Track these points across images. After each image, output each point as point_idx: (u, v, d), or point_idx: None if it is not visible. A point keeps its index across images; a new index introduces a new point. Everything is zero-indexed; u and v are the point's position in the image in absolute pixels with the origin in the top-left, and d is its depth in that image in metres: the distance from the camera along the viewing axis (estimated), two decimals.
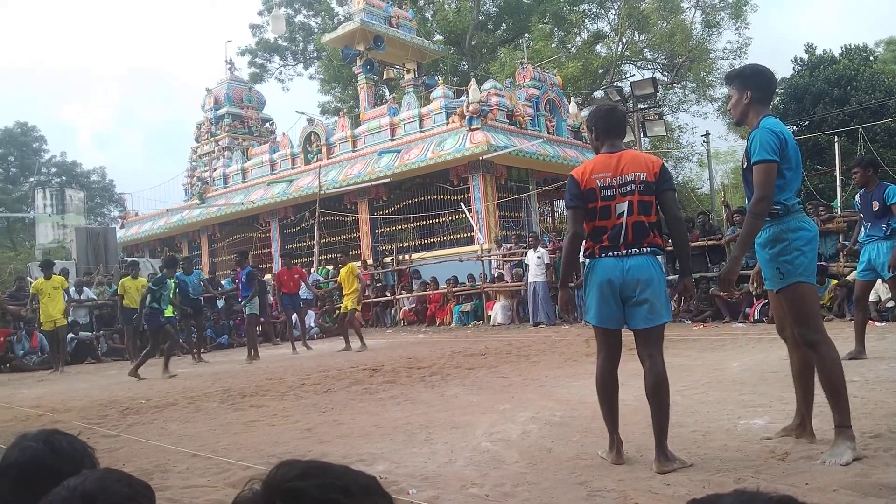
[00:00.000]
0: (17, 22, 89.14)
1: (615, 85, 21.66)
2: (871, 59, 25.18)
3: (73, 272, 15.48)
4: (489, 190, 16.60)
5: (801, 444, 3.27)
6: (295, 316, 12.56)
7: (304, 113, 21.74)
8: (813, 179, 19.28)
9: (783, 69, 27.21)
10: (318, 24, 33.62)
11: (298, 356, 10.72)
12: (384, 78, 23.66)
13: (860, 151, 16.36)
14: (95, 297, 14.32)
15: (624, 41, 28.78)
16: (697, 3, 28.11)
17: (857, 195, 6.42)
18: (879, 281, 6.50)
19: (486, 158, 16.02)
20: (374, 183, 17.74)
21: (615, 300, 3.19)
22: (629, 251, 3.17)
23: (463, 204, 16.29)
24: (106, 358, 13.04)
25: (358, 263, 14.62)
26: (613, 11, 29.90)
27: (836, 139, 15.23)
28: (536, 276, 12.61)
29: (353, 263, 11.82)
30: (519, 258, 13.97)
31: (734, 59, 27.61)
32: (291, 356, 10.79)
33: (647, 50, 29.05)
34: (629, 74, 29.07)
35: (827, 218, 10.44)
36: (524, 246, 14.00)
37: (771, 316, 7.10)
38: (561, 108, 20.20)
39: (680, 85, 29.60)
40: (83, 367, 11.89)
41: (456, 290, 14.71)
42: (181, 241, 24.86)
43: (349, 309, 11.13)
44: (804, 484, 2.69)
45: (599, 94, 25.23)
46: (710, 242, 11.32)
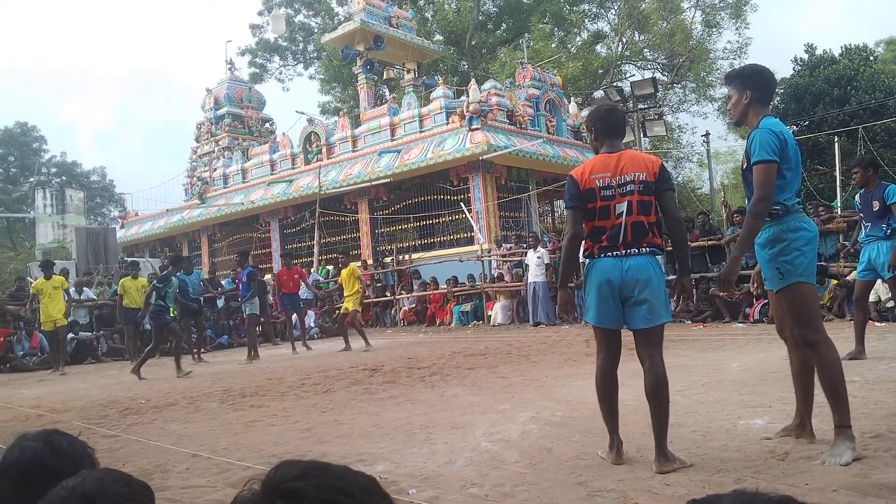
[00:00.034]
0: (17, 22, 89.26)
1: (615, 85, 21.66)
2: (871, 59, 25.18)
3: (73, 272, 15.48)
4: (489, 190, 16.60)
5: (800, 444, 3.27)
6: (295, 316, 12.57)
7: (304, 113, 21.78)
8: (813, 179, 19.28)
9: (783, 69, 27.25)
10: (318, 24, 33.63)
11: (298, 356, 10.72)
12: (384, 78, 23.66)
13: (860, 151, 16.35)
14: (95, 297, 14.32)
15: (624, 41, 28.78)
16: (697, 3, 28.11)
17: (857, 195, 6.42)
18: (879, 281, 6.50)
19: (486, 158, 16.02)
20: (374, 183, 17.75)
21: (614, 300, 3.19)
22: (628, 251, 3.17)
23: (463, 204, 16.29)
24: (106, 358, 13.04)
25: (358, 263, 14.62)
26: (613, 11, 29.92)
27: (836, 139, 15.23)
28: (536, 276, 12.60)
29: (354, 265, 11.81)
30: (519, 258, 13.97)
31: (734, 59, 27.64)
32: (291, 356, 10.79)
33: (647, 50, 29.06)
34: (629, 74, 29.10)
35: (827, 218, 10.45)
36: (524, 246, 14.00)
37: (771, 316, 7.10)
38: (561, 108, 20.20)
39: (680, 85, 29.61)
40: (83, 367, 11.89)
41: (456, 290, 14.71)
42: (181, 241, 24.86)
43: (350, 310, 11.14)
44: (804, 484, 2.69)
45: (599, 94, 25.23)
46: (710, 242, 11.32)
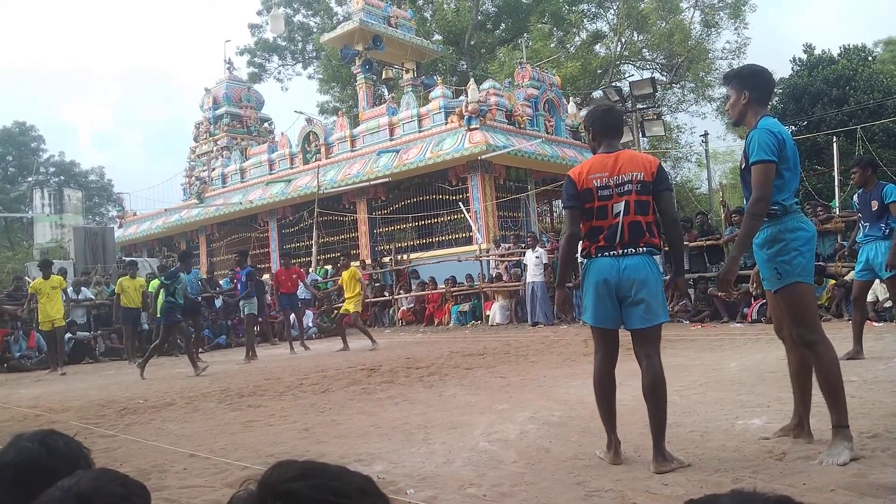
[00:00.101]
0: (17, 22, 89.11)
1: (614, 85, 21.65)
2: (869, 59, 25.22)
3: (70, 272, 15.45)
4: (488, 190, 16.59)
5: (798, 444, 3.27)
6: (293, 316, 12.57)
7: (302, 113, 21.74)
8: (811, 179, 19.32)
9: (782, 69, 27.26)
10: (316, 23, 33.62)
11: (296, 356, 10.71)
12: (383, 78, 23.64)
13: (858, 151, 16.38)
14: (93, 296, 14.30)
15: (623, 41, 28.79)
16: (696, 3, 28.14)
17: (855, 195, 6.42)
18: (877, 281, 6.51)
19: (484, 158, 16.02)
20: (372, 183, 17.74)
21: (611, 300, 3.19)
22: (625, 251, 3.17)
23: (461, 204, 16.29)
24: (104, 358, 13.02)
25: (356, 263, 14.61)
26: (612, 11, 29.95)
27: (834, 139, 15.27)
28: (535, 276, 12.60)
29: (354, 267, 11.77)
30: (517, 258, 13.97)
31: (733, 59, 27.68)
32: (289, 356, 10.78)
33: (645, 50, 29.08)
34: (628, 74, 29.11)
35: (825, 218, 10.46)
36: (522, 246, 14.00)
37: (769, 316, 7.10)
38: (560, 107, 20.20)
39: (679, 85, 29.63)
40: (81, 367, 11.87)
41: (454, 290, 14.71)
42: (179, 240, 24.82)
43: (351, 311, 11.11)
44: (802, 484, 2.69)
45: (598, 93, 25.25)
46: (708, 242, 11.33)
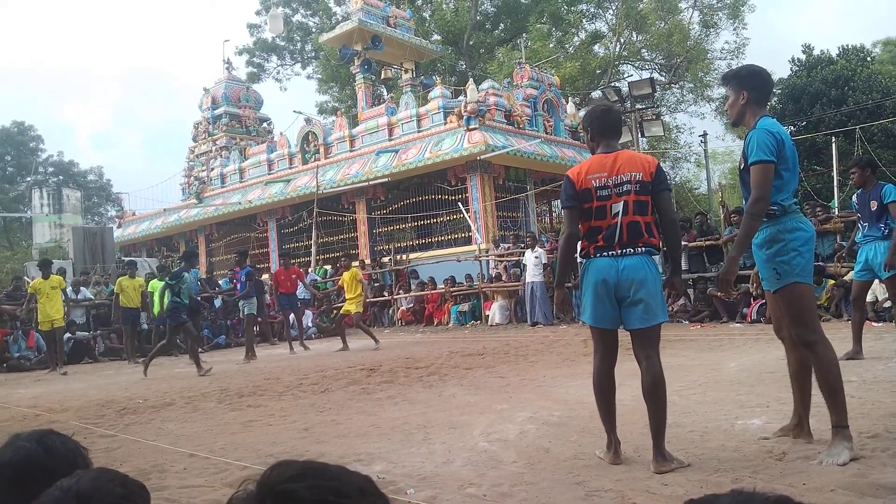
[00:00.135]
0: (17, 22, 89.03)
1: (613, 85, 21.63)
2: (868, 59, 25.24)
3: (69, 272, 15.44)
4: (487, 190, 16.59)
5: (798, 444, 3.27)
6: (292, 316, 12.56)
7: (301, 112, 21.72)
8: (810, 180, 19.32)
9: (781, 69, 27.34)
10: (315, 23, 33.62)
11: (296, 356, 10.71)
12: (382, 78, 23.62)
13: (857, 152, 16.38)
14: (92, 296, 14.29)
15: (622, 41, 28.81)
16: (695, 3, 28.17)
17: (854, 195, 6.43)
18: (877, 281, 6.51)
19: (483, 158, 16.02)
20: (371, 183, 17.73)
21: (610, 300, 3.19)
22: (624, 251, 3.17)
23: (461, 204, 16.29)
24: (103, 358, 13.01)
25: (356, 263, 14.60)
26: (611, 11, 29.96)
27: (833, 139, 15.27)
28: (534, 276, 12.60)
29: (356, 269, 11.76)
30: (516, 258, 13.97)
31: (732, 59, 27.72)
32: (289, 356, 10.77)
33: (644, 50, 29.10)
34: (627, 74, 29.10)
35: (824, 218, 10.47)
36: (522, 246, 14.00)
37: (768, 316, 7.11)
38: (559, 108, 20.20)
39: (678, 85, 29.66)
40: (80, 366, 11.86)
41: (454, 290, 14.71)
42: (178, 240, 24.80)
43: (352, 312, 11.10)
44: (801, 484, 2.69)
45: (597, 94, 25.24)
46: (707, 243, 11.34)
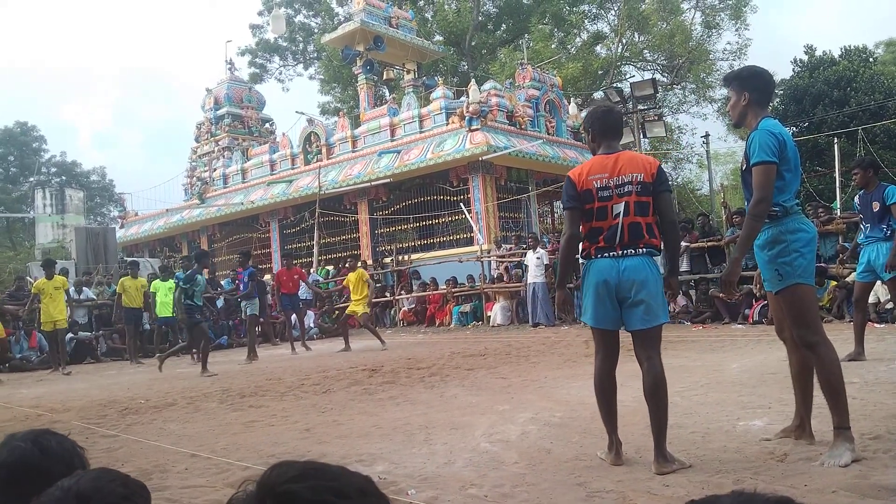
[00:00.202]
0: (17, 22, 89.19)
1: (615, 86, 21.65)
2: (870, 60, 25.20)
3: (72, 272, 15.47)
4: (489, 191, 16.59)
5: (800, 445, 3.27)
6: (294, 316, 12.56)
7: (303, 113, 21.77)
8: (812, 181, 19.29)
9: (783, 70, 27.33)
10: (318, 24, 33.64)
11: (297, 357, 10.72)
12: (384, 78, 23.65)
13: (860, 153, 16.36)
14: (95, 296, 14.31)
15: (624, 42, 28.79)
16: (697, 3, 28.13)
17: (856, 196, 6.42)
18: (879, 282, 6.50)
19: (485, 159, 16.02)
20: (373, 183, 17.74)
21: (611, 301, 3.19)
22: (625, 252, 3.17)
23: (462, 205, 16.29)
24: (105, 358, 13.03)
25: (357, 264, 14.59)
26: (613, 12, 29.93)
27: (835, 140, 15.25)
28: (535, 276, 12.60)
29: (362, 269, 11.74)
30: (518, 259, 13.97)
31: (734, 60, 27.66)
32: (290, 357, 10.78)
33: (646, 51, 29.07)
34: (629, 75, 29.13)
35: (826, 219, 10.45)
36: (524, 247, 14.00)
37: (770, 317, 7.10)
38: (561, 108, 20.19)
39: (680, 86, 29.62)
40: (82, 367, 11.87)
41: (455, 290, 14.71)
42: (181, 241, 24.84)
43: (359, 313, 11.10)
44: (803, 485, 2.69)
45: (599, 94, 25.25)
46: (709, 244, 11.33)
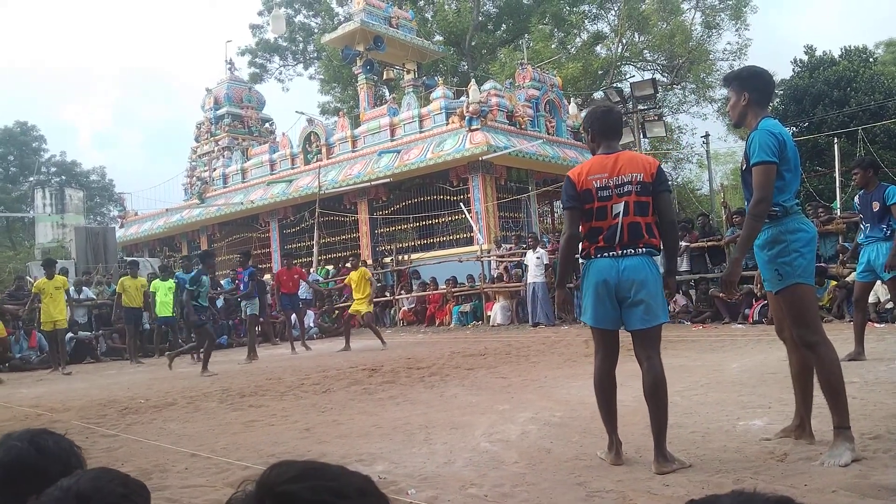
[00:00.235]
0: (17, 22, 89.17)
1: (615, 86, 21.64)
2: (870, 60, 25.20)
3: (72, 272, 15.47)
4: (489, 190, 16.59)
5: (800, 445, 3.27)
6: (294, 316, 12.57)
7: (303, 113, 21.76)
8: (812, 181, 19.29)
9: (783, 70, 27.33)
10: (318, 24, 33.64)
11: (297, 356, 10.72)
12: (384, 78, 23.64)
13: (860, 153, 16.35)
14: (94, 296, 14.31)
15: (624, 42, 28.79)
16: (697, 4, 28.13)
17: (856, 196, 6.42)
18: (879, 282, 6.50)
19: (485, 159, 16.02)
20: (373, 183, 17.74)
21: (611, 301, 3.19)
22: (624, 252, 3.17)
23: (462, 204, 16.29)
24: (105, 357, 13.03)
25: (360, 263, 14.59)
26: (613, 12, 29.94)
27: (835, 140, 15.24)
28: (535, 276, 12.60)
29: (364, 268, 11.76)
30: (518, 259, 13.97)
31: (734, 60, 27.65)
32: (290, 356, 10.78)
33: (646, 51, 29.07)
34: (629, 75, 29.13)
35: (826, 219, 10.45)
36: (523, 247, 14.00)
37: (770, 317, 7.09)
38: (561, 108, 20.19)
39: (680, 86, 29.62)
40: (82, 366, 11.87)
41: (455, 290, 14.71)
42: (181, 240, 24.83)
43: (363, 312, 11.10)
44: (803, 485, 2.69)
45: (599, 94, 25.25)
46: (709, 243, 11.33)
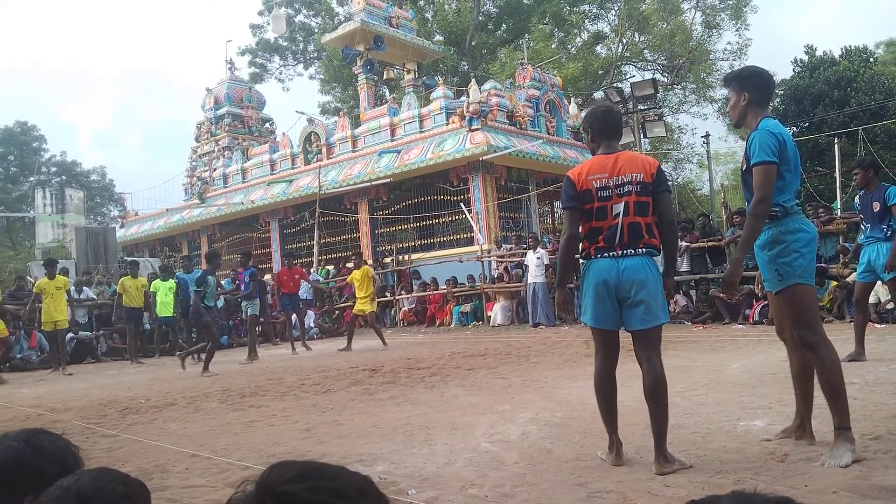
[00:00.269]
0: (17, 22, 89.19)
1: (615, 86, 21.64)
2: (871, 60, 25.18)
3: (72, 272, 15.47)
4: (489, 190, 16.59)
5: (800, 445, 3.27)
6: (294, 316, 12.57)
7: (304, 113, 21.76)
8: (813, 181, 19.27)
9: (783, 70, 27.32)
10: (318, 24, 33.65)
11: (298, 356, 10.72)
12: (384, 78, 23.64)
13: (860, 153, 16.34)
14: (95, 296, 14.31)
15: (624, 42, 28.79)
16: (697, 4, 28.12)
17: (857, 197, 6.41)
18: (879, 283, 6.49)
19: (485, 159, 16.02)
20: (373, 183, 17.74)
21: (611, 301, 3.19)
22: (624, 252, 3.17)
23: (463, 204, 16.28)
24: (105, 358, 13.03)
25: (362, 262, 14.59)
26: (613, 12, 29.94)
27: (835, 141, 15.22)
28: (536, 276, 12.60)
29: (368, 266, 11.76)
30: (518, 259, 13.97)
31: (734, 60, 27.66)
32: (291, 356, 10.78)
33: (647, 51, 29.07)
34: (629, 75, 29.13)
35: (827, 219, 10.44)
36: (524, 247, 14.00)
37: (770, 317, 7.09)
38: (561, 108, 20.19)
39: (680, 86, 29.62)
40: (82, 366, 11.88)
41: (455, 290, 14.70)
42: (181, 240, 24.84)
43: (367, 311, 11.11)
44: (803, 486, 2.69)
45: (599, 94, 25.24)
46: (710, 244, 11.33)
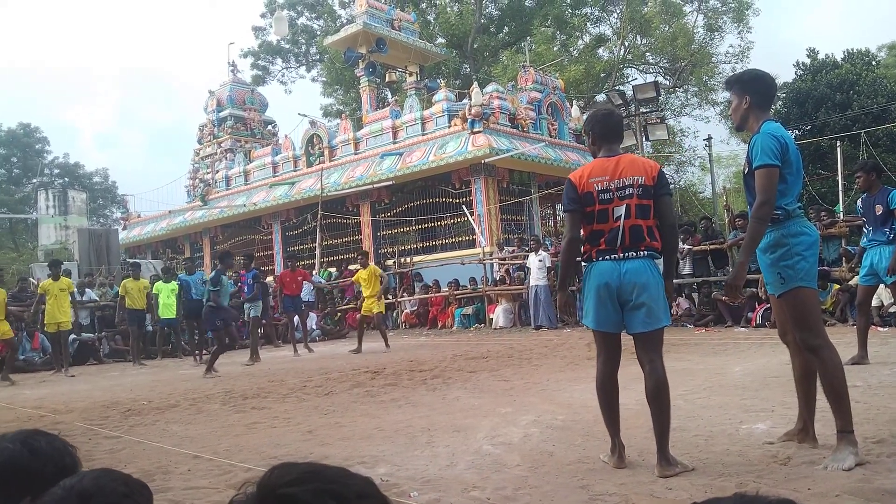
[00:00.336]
0: (17, 22, 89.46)
1: (617, 88, 21.63)
2: (873, 63, 25.15)
3: (75, 273, 15.49)
4: (491, 193, 16.60)
5: (803, 448, 3.26)
6: (296, 318, 12.57)
7: (306, 115, 21.77)
8: (815, 184, 19.25)
9: (785, 73, 27.28)
10: (320, 26, 33.70)
11: (300, 358, 10.72)
12: (386, 81, 23.68)
13: (862, 156, 16.31)
14: (97, 298, 14.33)
15: (626, 45, 28.80)
16: (699, 6, 28.15)
17: (859, 200, 6.40)
18: (882, 286, 6.48)
19: (487, 161, 16.02)
20: (376, 185, 17.76)
21: (612, 304, 3.19)
22: (626, 255, 3.17)
23: (465, 207, 16.30)
24: (108, 359, 13.03)
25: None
26: (616, 15, 29.96)
27: (838, 144, 15.20)
28: (538, 279, 12.60)
29: (374, 265, 11.76)
30: (520, 261, 13.97)
31: (736, 63, 27.64)
32: (293, 358, 10.79)
33: (649, 54, 29.08)
34: (631, 78, 29.10)
35: (829, 223, 10.43)
36: (526, 249, 13.99)
37: (773, 320, 7.09)
38: (563, 111, 20.20)
39: (682, 89, 29.61)
40: (85, 368, 11.89)
41: (457, 293, 14.71)
42: (183, 242, 24.89)
43: (375, 311, 11.12)
44: (806, 489, 2.68)
45: (601, 97, 25.26)
46: (712, 247, 11.33)
